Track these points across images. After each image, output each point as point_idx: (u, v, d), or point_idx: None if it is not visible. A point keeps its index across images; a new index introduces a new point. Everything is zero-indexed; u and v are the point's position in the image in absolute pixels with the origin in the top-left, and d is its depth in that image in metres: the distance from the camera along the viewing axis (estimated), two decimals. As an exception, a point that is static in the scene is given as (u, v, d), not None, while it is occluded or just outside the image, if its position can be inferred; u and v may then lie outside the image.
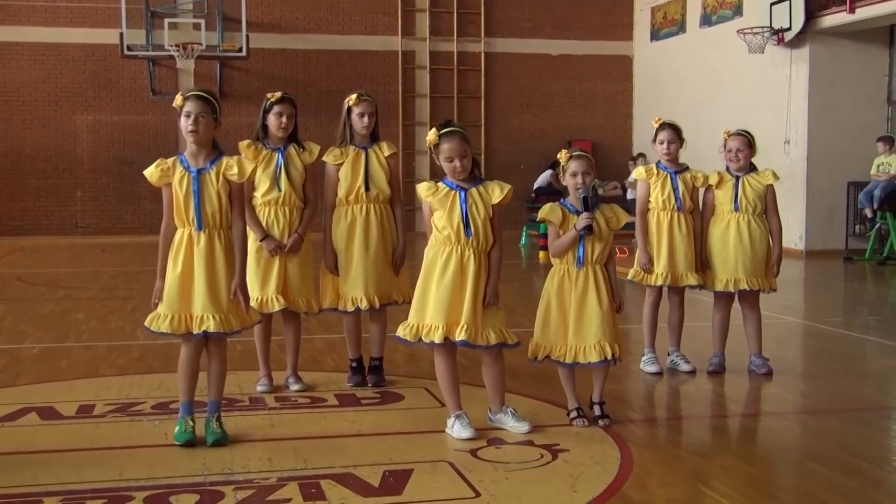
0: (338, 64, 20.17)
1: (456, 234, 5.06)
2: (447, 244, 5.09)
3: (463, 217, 5.07)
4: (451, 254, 5.07)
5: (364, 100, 6.19)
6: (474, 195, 5.12)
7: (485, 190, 5.15)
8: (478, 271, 5.06)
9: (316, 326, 8.46)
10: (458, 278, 5.05)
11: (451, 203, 5.09)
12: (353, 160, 6.19)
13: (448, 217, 5.08)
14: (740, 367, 6.89)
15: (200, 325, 4.91)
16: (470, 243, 5.07)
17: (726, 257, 6.74)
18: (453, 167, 5.07)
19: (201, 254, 4.92)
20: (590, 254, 5.30)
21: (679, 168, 6.83)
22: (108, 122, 19.68)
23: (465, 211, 5.08)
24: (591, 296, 5.26)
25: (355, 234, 6.14)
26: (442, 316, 5.03)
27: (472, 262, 5.06)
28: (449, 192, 5.11)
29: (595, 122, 21.47)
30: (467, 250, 5.07)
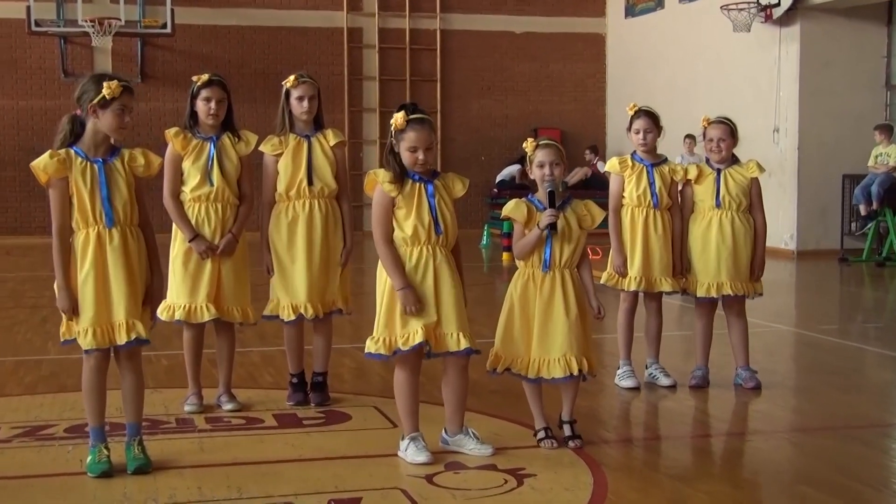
0: (275, 42, 20.09)
1: (427, 232, 5.06)
2: (415, 244, 5.08)
3: (432, 213, 5.08)
4: (421, 254, 5.07)
5: (304, 82, 6.18)
6: (440, 189, 5.13)
7: (446, 183, 5.17)
8: (449, 271, 5.08)
9: (252, 338, 8.43)
10: (432, 280, 5.05)
11: (418, 198, 5.09)
12: (293, 150, 6.18)
13: (417, 214, 5.07)
14: (725, 381, 6.95)
15: (129, 333, 4.86)
16: (440, 241, 5.09)
17: (708, 259, 6.80)
18: (415, 158, 5.07)
19: (116, 253, 4.86)
20: (557, 256, 5.32)
21: (656, 160, 6.87)
22: (13, 107, 19.45)
23: (434, 206, 5.09)
24: (558, 303, 5.29)
25: (297, 233, 6.13)
26: (420, 320, 5.01)
27: (444, 262, 5.08)
28: (414, 185, 5.11)
29: (564, 108, 21.58)
30: (437, 249, 5.08)
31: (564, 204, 5.37)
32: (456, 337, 5.03)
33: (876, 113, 16.27)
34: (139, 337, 4.87)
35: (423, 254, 5.06)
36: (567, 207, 5.37)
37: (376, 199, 5.14)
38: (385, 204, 5.11)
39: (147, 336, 4.91)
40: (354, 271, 6.21)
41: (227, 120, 6.15)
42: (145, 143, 5.30)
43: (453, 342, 5.03)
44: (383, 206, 5.11)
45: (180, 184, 6.06)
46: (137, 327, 4.87)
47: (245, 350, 7.92)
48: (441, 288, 5.05)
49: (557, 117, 21.47)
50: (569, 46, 21.55)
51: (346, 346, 8.02)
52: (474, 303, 5.55)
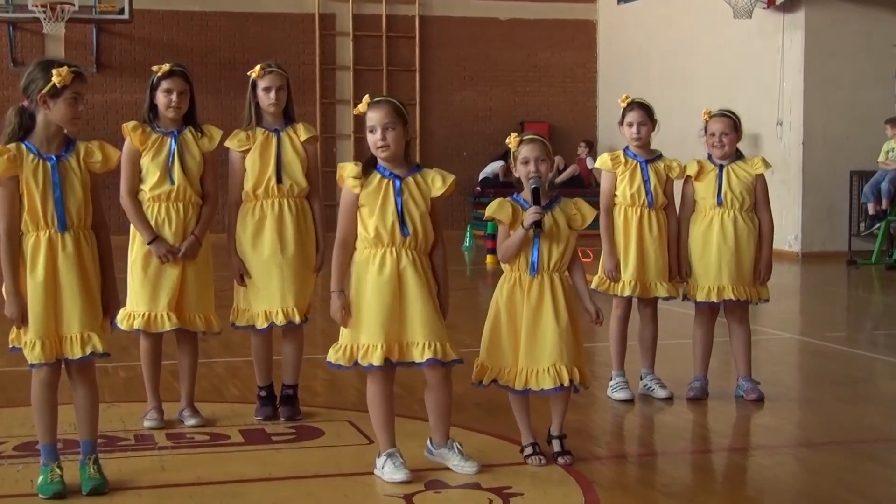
0: (241, 29, 20.06)
1: (390, 233, 5.07)
2: (378, 246, 5.09)
3: (398, 212, 5.08)
4: (384, 257, 5.08)
5: (271, 72, 6.18)
6: (411, 186, 5.13)
7: (423, 179, 5.17)
8: (417, 276, 5.07)
9: (216, 348, 8.41)
10: (395, 286, 5.05)
11: (383, 195, 5.09)
12: (261, 146, 6.18)
13: (380, 213, 5.08)
14: (726, 393, 6.97)
15: (84, 348, 4.84)
16: (407, 244, 5.09)
17: (709, 262, 6.81)
18: (374, 140, 5.08)
19: (69, 260, 4.83)
20: (546, 258, 5.32)
21: (650, 156, 6.89)
22: (-41, 99, 19.37)
23: (401, 204, 5.09)
24: (547, 309, 5.29)
25: (265, 235, 6.13)
26: (380, 334, 5.04)
27: (410, 266, 5.07)
28: (381, 181, 5.12)
29: (552, 100, 21.60)
30: (403, 252, 5.09)
31: (552, 202, 5.38)
32: (421, 347, 5.03)
33: (886, 105, 16.30)
34: (95, 351, 4.85)
35: (387, 257, 5.07)
36: (555, 206, 5.38)
37: (342, 195, 5.18)
38: (348, 201, 5.15)
39: (105, 349, 4.89)
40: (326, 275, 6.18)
41: (189, 113, 6.14)
42: (101, 137, 5.24)
43: (417, 352, 5.03)
44: (346, 203, 5.16)
45: (139, 182, 6.04)
46: (93, 340, 4.85)
47: (209, 361, 7.90)
48: (406, 294, 5.05)
49: (545, 110, 21.49)
50: (557, 34, 21.58)
51: (318, 357, 7.98)
52: (456, 309, 5.55)
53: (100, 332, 4.89)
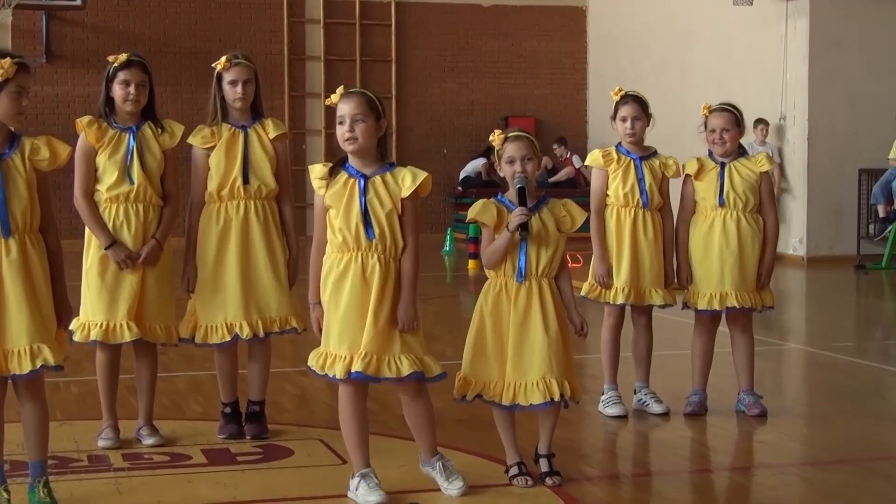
0: (204, 17, 20.02)
1: (354, 236, 5.07)
2: (344, 250, 5.09)
3: (362, 213, 5.08)
4: (349, 263, 5.07)
5: (237, 63, 6.18)
6: (377, 185, 5.11)
7: (392, 178, 5.16)
8: (383, 284, 5.07)
9: (177, 361, 8.40)
10: (361, 293, 5.05)
11: (347, 196, 5.10)
12: (227, 143, 6.17)
13: (345, 214, 5.08)
14: (726, 408, 6.99)
15: (34, 361, 4.80)
16: (373, 248, 5.08)
17: (710, 267, 6.83)
18: (342, 133, 5.08)
19: (14, 267, 4.80)
20: (533, 263, 5.34)
21: (645, 153, 6.91)
22: None
23: (365, 205, 5.09)
24: (535, 318, 5.30)
25: (230, 239, 6.13)
26: (345, 343, 5.05)
27: (378, 273, 5.07)
28: (347, 180, 5.11)
29: (538, 92, 21.63)
30: (370, 257, 5.08)
31: (540, 203, 5.39)
32: (395, 361, 5.04)
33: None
34: (46, 363, 4.81)
35: (352, 263, 5.07)
36: (543, 207, 5.39)
37: (315, 198, 5.21)
38: (318, 204, 5.20)
39: (58, 361, 4.86)
40: (300, 282, 6.19)
41: (148, 107, 6.13)
42: (51, 133, 5.23)
43: (392, 368, 5.04)
44: (317, 206, 5.20)
45: (94, 182, 6.02)
46: (44, 353, 4.81)
47: (169, 375, 7.88)
48: (369, 304, 5.05)
49: (531, 103, 21.51)
50: (544, 22, 21.61)
51: (286, 370, 8.00)
52: (437, 319, 5.56)
53: (52, 344, 4.86)
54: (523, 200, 5.30)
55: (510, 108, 21.24)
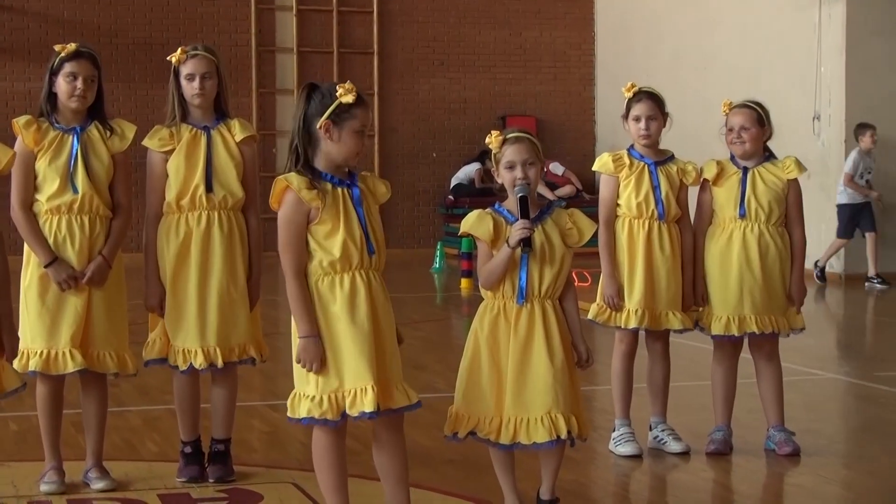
0: (160, 4, 20.02)
1: (360, 252, 5.02)
2: (346, 269, 5.03)
3: (362, 226, 5.07)
4: (354, 283, 5.00)
5: (195, 55, 6.18)
6: (366, 195, 5.11)
7: (368, 186, 5.15)
8: (386, 304, 5.06)
9: (130, 393, 8.38)
10: (371, 318, 5.00)
11: (343, 207, 5.05)
12: (187, 146, 6.17)
13: (346, 228, 5.00)
14: (754, 446, 6.99)
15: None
16: (374, 265, 5.07)
17: (728, 286, 6.84)
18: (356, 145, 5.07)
19: None
20: (536, 283, 5.32)
21: (660, 157, 6.91)
22: None
23: (363, 217, 5.07)
24: (538, 345, 5.29)
25: (190, 255, 6.12)
26: (368, 373, 4.91)
27: (382, 293, 5.06)
28: (336, 190, 5.05)
29: (540, 89, 21.65)
30: (373, 276, 5.07)
31: (543, 214, 5.38)
32: (403, 389, 5.00)
33: (944, 95, 16.39)
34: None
35: (357, 282, 5.01)
36: (547, 218, 5.38)
37: (286, 215, 5.02)
38: (299, 222, 4.99)
39: None
40: (266, 303, 6.19)
41: (96, 106, 6.13)
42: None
43: (402, 396, 4.99)
44: (296, 224, 5.01)
45: (33, 191, 6.01)
46: None
47: (121, 409, 7.87)
48: (381, 327, 5.03)
49: (532, 101, 21.54)
50: (547, 9, 21.65)
51: (255, 404, 7.99)
52: (424, 346, 5.57)
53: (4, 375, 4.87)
54: (525, 211, 5.28)
55: (508, 107, 21.26)
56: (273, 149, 20.19)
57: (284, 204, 5.01)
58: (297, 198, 4.97)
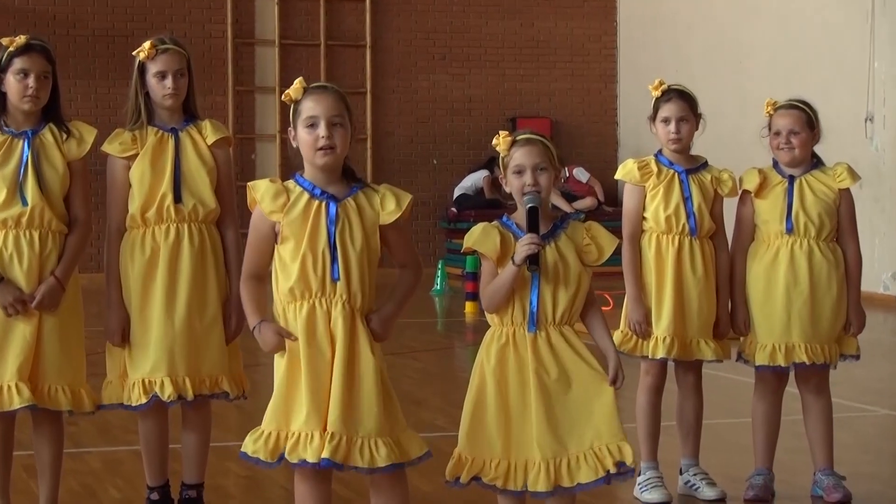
0: (124, -10, 20.07)
1: (321, 277, 5.05)
2: (304, 297, 5.07)
3: (330, 247, 5.07)
4: (313, 313, 5.06)
5: (166, 50, 6.18)
6: (348, 210, 5.10)
7: (368, 201, 5.15)
8: (350, 341, 5.04)
9: (89, 433, 8.37)
10: (326, 353, 5.03)
11: (311, 224, 5.08)
12: (153, 151, 6.17)
13: (309, 248, 5.05)
14: (799, 491, 6.98)
15: None
16: (337, 293, 5.06)
17: (773, 311, 6.82)
18: (313, 139, 5.08)
19: None
20: (549, 307, 5.30)
21: (693, 164, 6.92)
22: None
23: (334, 236, 5.08)
24: (554, 378, 5.27)
25: (157, 275, 6.12)
26: (317, 419, 4.98)
27: (342, 326, 5.04)
28: (309, 203, 5.09)
29: (556, 87, 21.67)
30: (333, 305, 5.07)
31: (556, 228, 5.37)
32: (369, 447, 5.02)
33: None
34: None
35: (316, 313, 5.06)
36: (560, 233, 5.37)
37: (253, 220, 5.21)
38: (262, 231, 5.18)
39: None
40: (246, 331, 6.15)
41: (50, 106, 6.13)
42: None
43: (364, 456, 5.02)
44: (259, 233, 5.20)
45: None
46: None
47: (79, 451, 7.87)
48: (345, 368, 5.03)
49: (546, 101, 21.55)
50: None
51: (231, 444, 7.96)
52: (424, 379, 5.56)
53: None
54: (534, 224, 5.27)
55: (519, 107, 21.28)
56: (252, 155, 20.22)
57: (254, 211, 5.20)
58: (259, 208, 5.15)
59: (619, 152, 20.95)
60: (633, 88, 20.87)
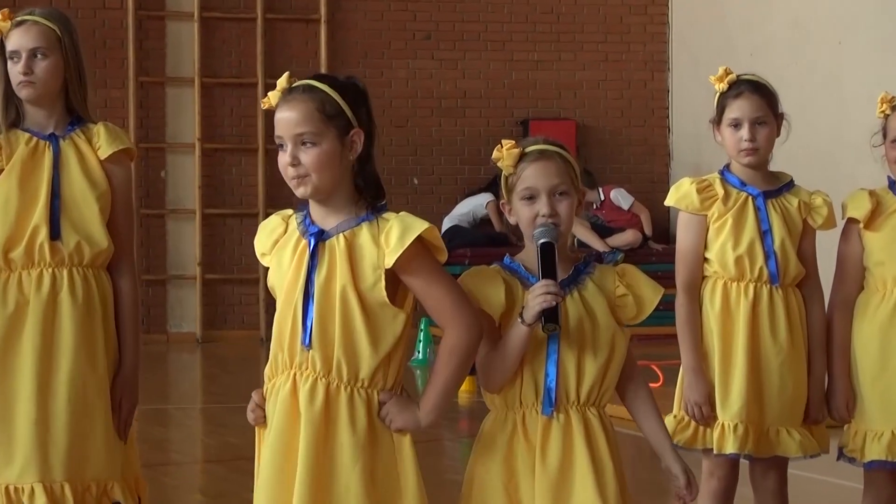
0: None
1: (289, 343, 5.09)
2: (281, 369, 5.12)
3: (304, 299, 5.10)
4: (282, 391, 5.10)
5: (22, 23, 6.26)
6: (335, 251, 5.10)
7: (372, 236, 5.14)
8: (320, 432, 5.05)
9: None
10: (285, 444, 5.06)
11: (293, 268, 5.12)
12: (22, 167, 6.23)
13: (284, 304, 5.12)
14: None
15: None
16: (308, 363, 5.08)
17: (888, 385, 6.87)
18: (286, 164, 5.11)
19: None
20: (572, 382, 5.30)
21: (773, 185, 6.96)
22: None
23: (312, 288, 5.09)
24: (581, 480, 5.28)
25: (22, 340, 6.15)
26: None
27: (316, 409, 5.04)
28: (297, 242, 5.14)
29: (583, 77, 21.74)
30: (303, 380, 5.08)
31: (580, 273, 5.39)
32: None
33: None
34: None
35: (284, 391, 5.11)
36: (585, 280, 5.39)
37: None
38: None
39: None
40: (151, 416, 6.18)
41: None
42: None
43: None
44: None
45: None
46: None
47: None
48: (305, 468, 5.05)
49: (569, 96, 21.63)
50: (592, -49, 21.82)
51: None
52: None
53: None
54: (549, 267, 5.26)
55: (532, 106, 21.37)
56: (162, 171, 20.21)
57: None
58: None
59: (672, 168, 21.03)
60: (691, 80, 20.92)
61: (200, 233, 18.89)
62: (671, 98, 21.93)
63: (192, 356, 16.97)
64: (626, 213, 20.24)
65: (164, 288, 16.82)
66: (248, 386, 5.31)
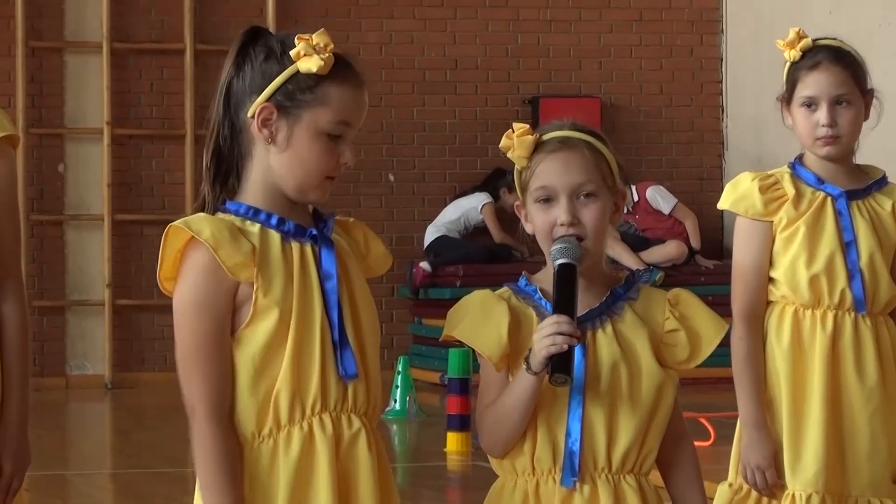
0: None
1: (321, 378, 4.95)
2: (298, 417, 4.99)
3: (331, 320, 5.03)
4: (311, 442, 4.97)
5: None
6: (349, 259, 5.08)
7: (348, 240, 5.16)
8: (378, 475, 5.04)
9: None
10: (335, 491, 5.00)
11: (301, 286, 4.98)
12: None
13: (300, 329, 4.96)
14: None
15: None
16: (353, 401, 5.00)
17: None
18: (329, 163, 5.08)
19: None
20: (601, 444, 5.31)
21: (859, 183, 6.99)
22: None
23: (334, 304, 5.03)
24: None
25: None
26: None
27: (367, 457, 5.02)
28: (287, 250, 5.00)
29: (611, 42, 21.84)
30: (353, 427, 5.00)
31: (616, 300, 5.39)
32: None
33: None
34: None
35: (317, 442, 5.01)
36: (622, 308, 5.39)
37: (195, 298, 5.01)
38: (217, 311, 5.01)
39: None
40: (42, 487, 6.22)
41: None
42: None
43: None
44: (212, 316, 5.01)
45: None
46: None
47: None
48: None
49: (593, 68, 21.74)
50: None
51: None
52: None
53: None
54: (567, 295, 5.22)
55: (545, 79, 21.46)
56: (60, 165, 20.29)
57: (186, 277, 5.01)
58: (212, 263, 4.93)
59: (727, 159, 21.12)
60: (752, 45, 21.01)
61: (110, 245, 18.90)
62: (725, 69, 22.04)
63: (98, 406, 17.00)
64: (666, 219, 20.24)
65: (63, 317, 16.91)
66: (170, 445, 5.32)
